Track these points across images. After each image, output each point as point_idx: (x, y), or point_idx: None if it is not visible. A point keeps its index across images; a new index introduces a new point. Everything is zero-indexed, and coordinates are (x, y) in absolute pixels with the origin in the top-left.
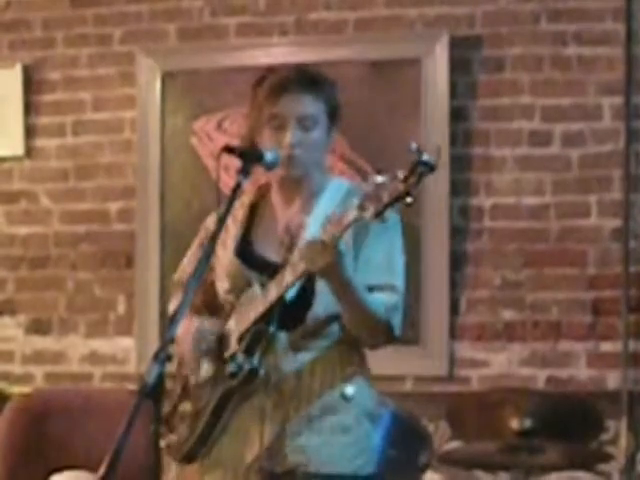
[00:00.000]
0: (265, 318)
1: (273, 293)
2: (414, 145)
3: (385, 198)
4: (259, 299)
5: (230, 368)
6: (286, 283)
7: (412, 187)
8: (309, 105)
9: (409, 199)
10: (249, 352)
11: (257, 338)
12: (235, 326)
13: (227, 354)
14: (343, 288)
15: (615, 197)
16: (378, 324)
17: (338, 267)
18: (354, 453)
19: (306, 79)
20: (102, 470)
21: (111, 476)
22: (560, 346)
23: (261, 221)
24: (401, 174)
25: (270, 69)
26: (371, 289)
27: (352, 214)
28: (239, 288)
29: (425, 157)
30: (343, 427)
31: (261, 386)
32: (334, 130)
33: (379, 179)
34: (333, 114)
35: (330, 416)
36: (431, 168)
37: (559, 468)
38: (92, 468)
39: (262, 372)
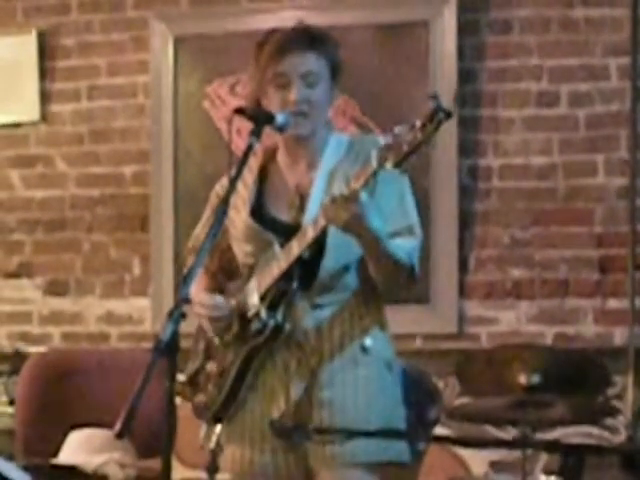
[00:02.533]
0: (286, 275)
1: (295, 250)
2: (432, 92)
3: (405, 147)
4: (281, 257)
5: (255, 325)
6: (308, 239)
7: (430, 135)
8: (312, 62)
9: (428, 147)
10: (272, 309)
11: (280, 295)
12: (256, 285)
13: (251, 313)
14: (369, 239)
15: (622, 156)
16: (402, 269)
17: (362, 219)
18: (380, 404)
19: (308, 37)
20: (117, 426)
21: (126, 432)
22: (568, 303)
23: (271, 183)
24: (418, 123)
25: (272, 30)
26: (390, 236)
27: (373, 165)
28: (260, 250)
29: (442, 104)
30: (366, 380)
31: (283, 344)
32: (336, 87)
33: (397, 130)
34: (335, 71)
35: (351, 369)
36: (448, 115)
37: (566, 423)
38: (109, 425)
39: (287, 327)
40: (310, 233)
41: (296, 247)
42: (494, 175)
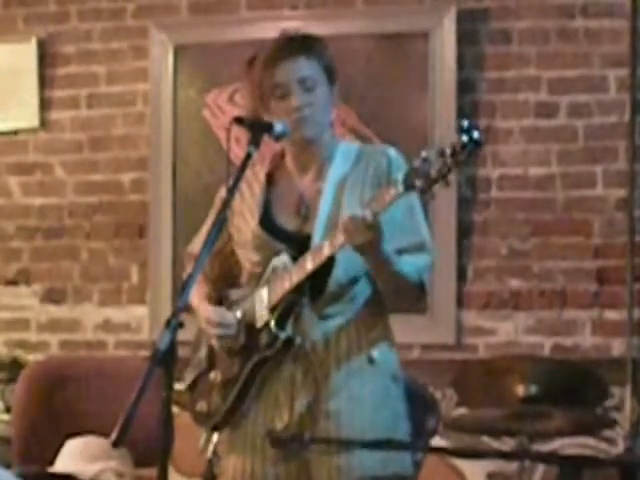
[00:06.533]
0: (297, 288)
1: (309, 265)
2: (465, 122)
3: (433, 173)
4: (293, 270)
5: (265, 338)
6: (323, 256)
7: (460, 163)
8: (305, 66)
9: (455, 175)
10: (282, 321)
11: (290, 308)
12: (266, 296)
13: (259, 324)
14: (381, 263)
15: (620, 167)
16: (410, 286)
17: (377, 246)
18: (385, 416)
19: (295, 43)
20: (114, 435)
21: (122, 440)
22: (565, 314)
23: (278, 191)
24: (448, 150)
25: (260, 48)
26: (400, 252)
27: (399, 188)
28: (268, 259)
29: (475, 134)
30: (372, 392)
31: (290, 355)
32: (334, 88)
33: (425, 154)
34: (330, 71)
35: (357, 380)
36: (478, 145)
37: (564, 434)
38: (106, 434)
39: (298, 341)
40: (326, 250)
41: (310, 263)
42: (493, 186)
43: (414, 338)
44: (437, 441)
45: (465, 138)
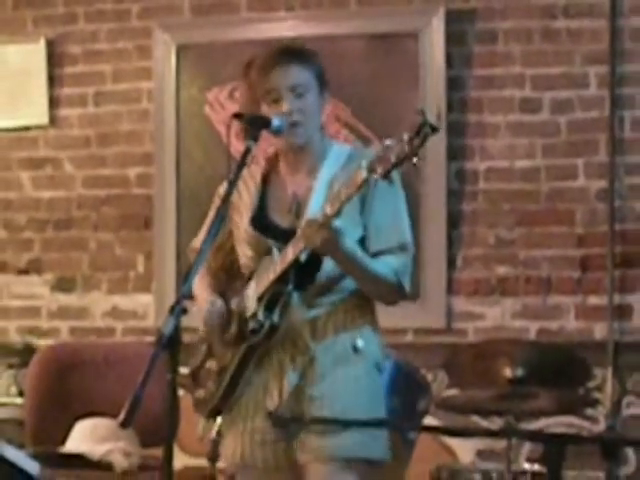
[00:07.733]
0: (282, 278)
1: (290, 255)
2: (419, 108)
3: (392, 159)
4: (277, 261)
5: (251, 325)
6: (300, 247)
7: (417, 148)
8: (297, 74)
9: (415, 159)
10: (269, 310)
11: (276, 297)
12: (255, 288)
13: (248, 314)
14: (345, 262)
15: (601, 160)
16: (389, 287)
17: (335, 244)
18: (365, 400)
19: (289, 52)
20: (121, 416)
21: (130, 421)
22: (550, 300)
23: (272, 190)
24: (406, 136)
25: (258, 50)
26: (382, 252)
27: (362, 175)
28: (260, 255)
29: (429, 119)
30: (354, 378)
31: (279, 342)
32: (325, 93)
33: (386, 142)
34: (321, 79)
35: (342, 367)
36: (434, 129)
37: (549, 413)
38: (114, 415)
39: (283, 327)
40: (290, 256)
41: (291, 253)
42: (480, 178)
43: (407, 323)
44: (429, 420)
45: (419, 124)
